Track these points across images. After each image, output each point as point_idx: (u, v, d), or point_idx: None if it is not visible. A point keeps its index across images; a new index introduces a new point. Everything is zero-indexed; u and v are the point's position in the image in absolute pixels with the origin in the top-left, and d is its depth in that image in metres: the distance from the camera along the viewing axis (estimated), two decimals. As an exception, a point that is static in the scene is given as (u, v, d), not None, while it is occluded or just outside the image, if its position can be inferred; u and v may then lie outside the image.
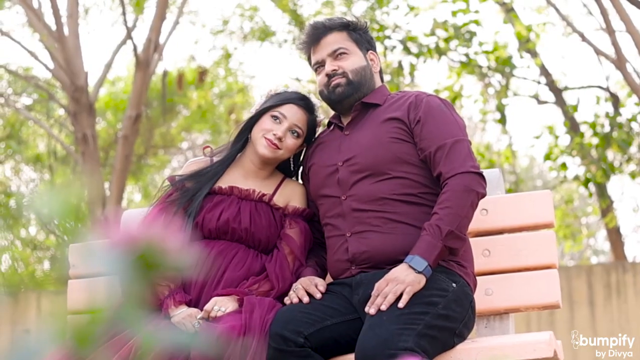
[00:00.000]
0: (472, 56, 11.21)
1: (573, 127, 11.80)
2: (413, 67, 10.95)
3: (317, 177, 3.16)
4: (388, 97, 3.18)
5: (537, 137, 11.56)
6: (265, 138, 3.15)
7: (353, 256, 3.01)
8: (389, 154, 3.03)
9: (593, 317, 8.79)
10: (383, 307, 2.77)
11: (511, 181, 14.64)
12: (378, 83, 3.24)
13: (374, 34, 10.49)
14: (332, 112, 3.29)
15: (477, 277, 3.08)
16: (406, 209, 2.99)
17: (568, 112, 12.24)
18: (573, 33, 12.52)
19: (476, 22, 10.91)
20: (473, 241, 3.13)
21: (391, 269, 2.86)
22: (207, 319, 2.90)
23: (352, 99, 3.16)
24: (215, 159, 3.27)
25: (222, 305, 2.92)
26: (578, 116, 12.30)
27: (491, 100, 12.31)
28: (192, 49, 17.69)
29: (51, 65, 11.36)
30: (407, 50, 10.89)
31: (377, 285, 2.83)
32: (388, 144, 3.04)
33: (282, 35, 13.99)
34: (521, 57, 11.83)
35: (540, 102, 13.18)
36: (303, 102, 3.22)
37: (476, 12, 10.92)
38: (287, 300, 2.98)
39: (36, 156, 15.29)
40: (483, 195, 2.94)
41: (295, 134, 3.19)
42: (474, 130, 16.79)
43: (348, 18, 3.27)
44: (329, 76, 3.16)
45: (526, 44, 11.61)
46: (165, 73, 13.28)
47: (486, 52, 11.26)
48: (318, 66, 3.22)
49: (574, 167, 11.47)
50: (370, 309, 2.80)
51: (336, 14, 12.57)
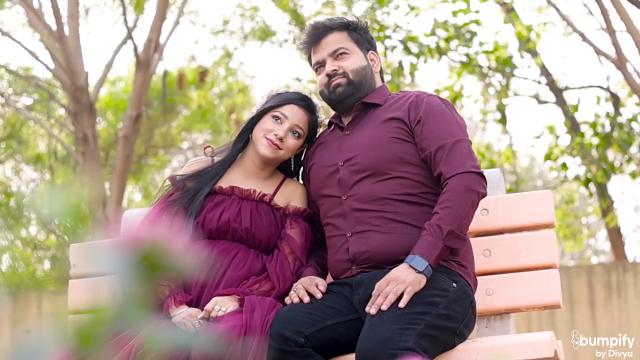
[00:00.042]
0: (473, 56, 11.21)
1: (573, 127, 11.79)
2: (413, 67, 10.94)
3: (318, 177, 3.16)
4: (388, 97, 3.18)
5: (538, 137, 11.56)
6: (266, 138, 3.15)
7: (354, 256, 3.01)
8: (390, 154, 3.03)
9: (593, 317, 8.78)
10: (384, 307, 2.77)
11: (511, 181, 14.64)
12: (378, 83, 3.24)
13: (375, 34, 10.49)
14: (333, 112, 3.29)
15: (478, 277, 3.08)
16: (407, 209, 2.99)
17: (568, 112, 12.23)
18: (573, 33, 12.52)
19: (477, 22, 10.90)
20: (474, 241, 3.12)
21: (392, 269, 2.86)
22: (208, 319, 2.90)
23: (353, 99, 3.16)
24: (216, 159, 3.27)
25: (223, 305, 2.92)
26: (578, 116, 12.29)
27: (491, 100, 12.30)
28: (193, 49, 17.66)
29: (52, 65, 11.36)
30: (408, 50, 10.88)
31: (378, 285, 2.83)
32: (389, 144, 3.04)
33: (283, 35, 14.00)
34: (522, 57, 11.82)
35: (540, 102, 13.17)
36: (304, 103, 3.22)
37: (477, 12, 10.92)
38: (288, 300, 2.98)
39: (36, 156, 15.29)
40: (484, 195, 2.94)
41: (296, 135, 3.19)
42: (475, 130, 16.78)
43: (348, 18, 3.27)
44: (330, 76, 3.16)
45: (527, 44, 11.60)
46: (165, 73, 13.27)
47: (487, 52, 11.26)
48: (318, 66, 3.22)
49: (575, 167, 11.47)
50: (370, 309, 2.80)
51: (337, 14, 12.57)
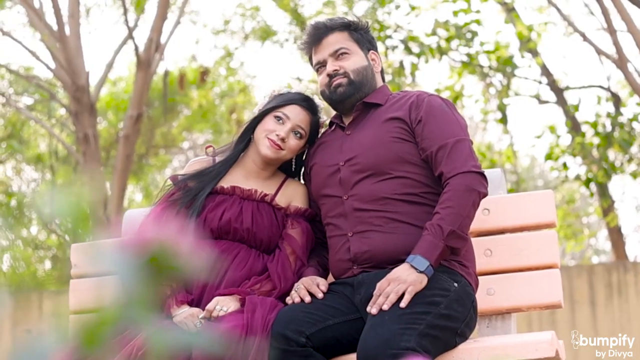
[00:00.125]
0: (474, 56, 11.21)
1: (574, 127, 11.79)
2: (414, 67, 10.94)
3: (319, 177, 3.16)
4: (389, 97, 3.18)
5: (538, 137, 11.56)
6: (268, 138, 3.15)
7: (355, 256, 3.01)
8: (391, 154, 3.03)
9: (594, 317, 8.78)
10: (385, 307, 2.77)
11: (512, 181, 14.65)
12: (379, 83, 3.24)
13: (376, 34, 10.49)
14: (334, 113, 3.29)
15: (479, 277, 3.08)
16: (408, 209, 2.99)
17: (569, 112, 12.23)
18: (574, 33, 12.52)
19: (477, 22, 10.90)
20: (475, 241, 3.12)
21: (393, 269, 2.86)
22: (209, 319, 2.90)
23: (354, 99, 3.16)
24: (217, 159, 3.27)
25: (224, 305, 2.92)
26: (579, 116, 12.29)
27: (492, 100, 12.31)
28: (194, 49, 17.69)
29: (52, 65, 11.36)
30: (409, 50, 10.88)
31: (379, 285, 2.83)
32: (390, 144, 3.04)
33: (283, 35, 14.00)
34: (522, 57, 11.82)
35: (541, 102, 13.17)
36: (306, 103, 3.22)
37: (477, 12, 10.92)
38: (289, 300, 2.98)
39: (37, 156, 15.30)
40: (485, 194, 2.94)
41: (298, 135, 3.18)
42: (475, 130, 16.78)
43: (349, 18, 3.27)
44: (331, 76, 3.16)
45: (527, 44, 11.60)
46: (166, 73, 13.27)
47: (487, 52, 11.26)
48: (319, 66, 3.21)
49: (575, 167, 11.46)
50: (372, 309, 2.80)
51: (337, 14, 12.57)
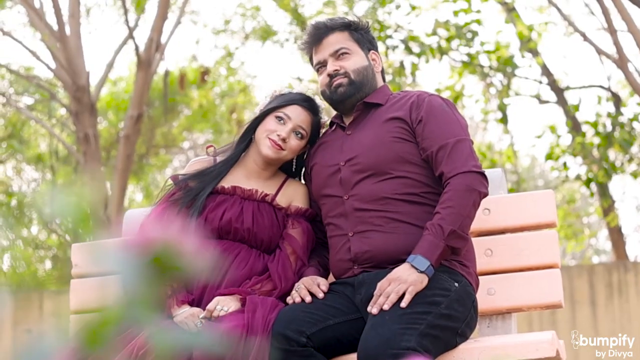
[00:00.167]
0: (474, 56, 11.20)
1: (575, 127, 11.79)
2: (415, 67, 10.94)
3: (320, 177, 3.16)
4: (390, 97, 3.18)
5: (539, 137, 11.56)
6: (269, 139, 3.15)
7: (355, 256, 3.01)
8: (391, 154, 3.03)
9: (595, 317, 8.78)
10: (385, 307, 2.77)
11: (513, 181, 14.65)
12: (380, 83, 3.24)
13: (376, 34, 10.49)
14: (334, 113, 3.29)
15: (480, 277, 3.08)
16: (408, 209, 2.99)
17: (569, 112, 12.23)
18: (574, 33, 12.51)
19: (478, 22, 10.90)
20: (475, 241, 3.12)
21: (393, 269, 2.86)
22: (210, 319, 2.90)
23: (354, 99, 3.16)
24: (218, 159, 3.26)
25: (225, 304, 2.92)
26: (579, 116, 12.29)
27: (493, 100, 12.30)
28: (194, 49, 17.69)
29: (53, 64, 11.36)
30: (409, 49, 10.88)
31: (380, 284, 2.83)
32: (390, 144, 3.04)
33: (284, 34, 14.01)
34: (523, 57, 11.82)
35: (541, 102, 13.17)
36: (307, 104, 3.22)
37: (478, 12, 10.92)
38: (290, 299, 2.98)
39: (38, 156, 15.30)
40: (485, 194, 2.94)
41: (299, 135, 3.18)
42: (476, 130, 16.78)
43: (350, 18, 3.27)
44: (331, 76, 3.16)
45: (528, 44, 11.60)
46: (166, 73, 13.27)
47: (488, 52, 11.25)
48: (320, 66, 3.21)
49: (576, 167, 11.46)
50: (372, 309, 2.80)
51: (338, 14, 12.57)
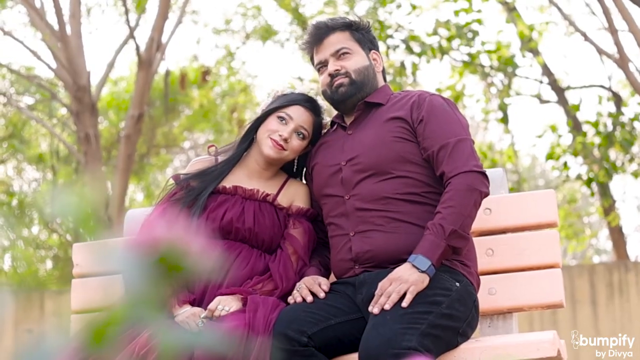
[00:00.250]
0: (475, 55, 11.20)
1: (575, 127, 11.79)
2: (415, 67, 10.94)
3: (321, 177, 3.16)
4: (391, 97, 3.18)
5: (540, 137, 11.56)
6: (270, 139, 3.15)
7: (356, 255, 3.01)
8: (392, 153, 3.03)
9: (595, 317, 8.78)
10: (387, 307, 2.77)
11: (513, 180, 14.66)
12: (381, 82, 3.24)
13: (377, 34, 10.49)
14: (335, 113, 3.29)
15: (481, 277, 3.08)
16: (409, 208, 2.99)
17: (570, 112, 12.23)
18: (575, 32, 12.51)
19: (478, 22, 10.90)
20: (476, 240, 3.12)
21: (394, 268, 2.86)
22: (211, 318, 2.90)
23: (355, 99, 3.16)
24: (219, 158, 3.27)
25: (226, 304, 2.92)
26: (580, 115, 12.29)
27: (493, 99, 12.30)
28: (195, 49, 17.70)
29: (53, 64, 11.36)
30: (410, 49, 10.88)
31: (381, 284, 2.83)
32: (391, 143, 3.04)
33: (285, 34, 14.01)
34: (523, 57, 11.82)
35: (542, 102, 13.17)
36: (309, 104, 3.22)
37: (479, 12, 10.92)
38: (291, 299, 2.98)
39: (38, 156, 15.30)
40: (486, 194, 2.94)
41: (300, 136, 3.18)
42: (476, 129, 16.78)
43: (351, 18, 3.27)
44: (332, 76, 3.16)
45: (528, 44, 11.60)
46: (167, 72, 13.28)
47: (488, 52, 11.25)
48: (321, 66, 3.21)
49: (577, 167, 11.46)
50: (373, 309, 2.80)
51: (339, 14, 12.57)
